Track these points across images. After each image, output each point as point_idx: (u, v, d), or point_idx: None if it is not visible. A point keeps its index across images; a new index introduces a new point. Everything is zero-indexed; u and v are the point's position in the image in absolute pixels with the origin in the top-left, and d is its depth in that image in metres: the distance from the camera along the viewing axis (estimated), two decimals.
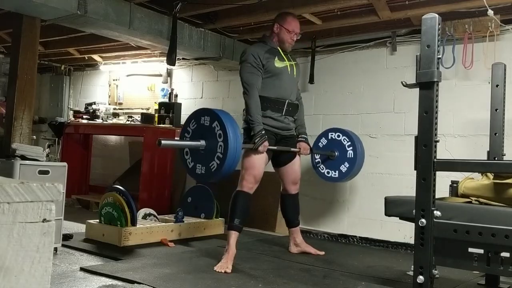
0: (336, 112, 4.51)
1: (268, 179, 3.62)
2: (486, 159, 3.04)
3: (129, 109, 6.14)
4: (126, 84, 6.32)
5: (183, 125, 2.99)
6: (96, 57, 6.09)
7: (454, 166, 2.39)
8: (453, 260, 2.04)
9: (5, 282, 0.83)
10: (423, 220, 1.98)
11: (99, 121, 5.83)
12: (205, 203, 4.20)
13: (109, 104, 6.30)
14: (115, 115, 6.01)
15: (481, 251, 1.97)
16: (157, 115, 5.46)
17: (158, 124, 5.39)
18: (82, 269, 2.78)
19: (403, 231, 3.93)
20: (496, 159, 2.98)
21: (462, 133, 3.84)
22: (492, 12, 3.37)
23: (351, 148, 3.69)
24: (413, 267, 2.02)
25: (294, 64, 3.41)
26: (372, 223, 4.16)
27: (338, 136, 3.75)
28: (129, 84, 6.29)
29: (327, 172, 3.78)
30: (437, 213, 1.99)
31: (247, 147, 3.10)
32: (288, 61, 3.36)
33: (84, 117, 5.90)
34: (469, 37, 3.69)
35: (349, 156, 3.67)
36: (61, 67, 6.79)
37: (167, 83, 5.85)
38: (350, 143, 3.70)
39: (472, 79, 3.80)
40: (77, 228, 4.02)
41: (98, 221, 3.68)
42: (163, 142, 2.59)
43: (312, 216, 4.52)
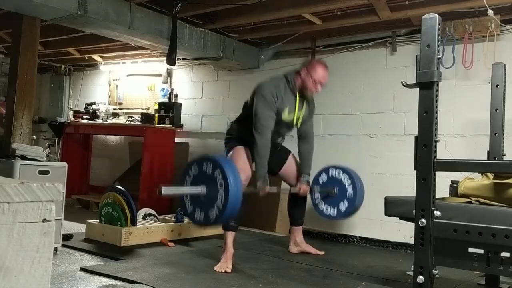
0: (336, 112, 4.51)
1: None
2: (486, 159, 3.03)
3: (129, 109, 6.14)
4: (126, 84, 6.32)
5: (184, 168, 2.80)
6: (96, 57, 6.09)
7: (454, 166, 2.39)
8: (453, 260, 2.04)
9: (5, 282, 0.83)
10: (423, 220, 1.98)
11: (99, 121, 5.83)
12: None
13: (109, 104, 6.30)
14: (115, 115, 6.01)
15: (481, 251, 1.97)
16: (157, 115, 5.47)
17: (158, 124, 5.40)
18: (82, 269, 2.78)
19: (403, 231, 3.93)
20: (496, 159, 2.97)
21: (462, 133, 3.84)
22: (492, 12, 3.37)
23: (351, 187, 3.56)
24: (413, 267, 2.02)
25: (302, 112, 3.36)
26: (372, 223, 4.15)
27: (338, 173, 3.61)
28: (129, 84, 6.28)
29: (326, 208, 3.62)
30: (437, 213, 1.99)
31: (249, 192, 3.05)
32: (298, 110, 3.32)
33: (84, 117, 5.90)
34: (469, 37, 3.69)
35: (349, 196, 3.54)
36: (61, 67, 6.79)
37: (167, 83, 5.85)
38: (350, 182, 3.56)
39: (472, 79, 3.80)
40: (77, 228, 4.02)
41: (98, 221, 3.68)
42: (164, 192, 2.49)
43: (312, 216, 4.51)
